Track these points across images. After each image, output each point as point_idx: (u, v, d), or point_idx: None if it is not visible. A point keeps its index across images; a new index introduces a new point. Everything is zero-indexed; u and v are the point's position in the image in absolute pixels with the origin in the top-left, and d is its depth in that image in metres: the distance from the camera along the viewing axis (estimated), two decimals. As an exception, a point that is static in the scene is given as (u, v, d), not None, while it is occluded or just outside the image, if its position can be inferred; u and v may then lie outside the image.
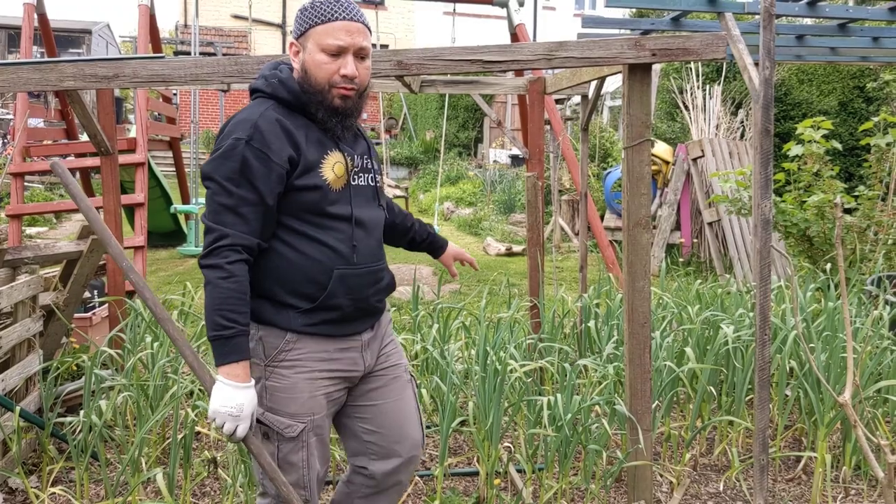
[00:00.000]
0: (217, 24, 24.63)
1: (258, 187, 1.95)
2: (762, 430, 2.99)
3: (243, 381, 1.95)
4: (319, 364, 2.09)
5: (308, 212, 2.03)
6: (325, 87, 2.02)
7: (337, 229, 2.06)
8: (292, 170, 1.99)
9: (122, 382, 3.37)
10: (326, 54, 2.00)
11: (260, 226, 1.98)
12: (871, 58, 5.31)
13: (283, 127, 1.99)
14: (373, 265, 2.15)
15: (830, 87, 11.88)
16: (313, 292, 2.05)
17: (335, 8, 2.01)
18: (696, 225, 9.31)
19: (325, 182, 2.02)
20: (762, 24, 2.90)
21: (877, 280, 5.02)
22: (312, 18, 2.02)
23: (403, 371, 2.34)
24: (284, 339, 2.06)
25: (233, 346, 1.94)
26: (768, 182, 2.93)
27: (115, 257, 2.15)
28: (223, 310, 1.92)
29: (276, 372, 2.07)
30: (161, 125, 10.04)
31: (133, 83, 2.72)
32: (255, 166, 1.95)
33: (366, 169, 2.19)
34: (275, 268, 2.05)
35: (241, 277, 1.95)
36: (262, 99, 2.07)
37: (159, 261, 9.27)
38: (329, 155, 2.06)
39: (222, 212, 1.96)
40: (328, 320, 2.08)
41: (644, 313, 2.90)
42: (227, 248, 1.94)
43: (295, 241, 2.04)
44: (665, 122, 12.54)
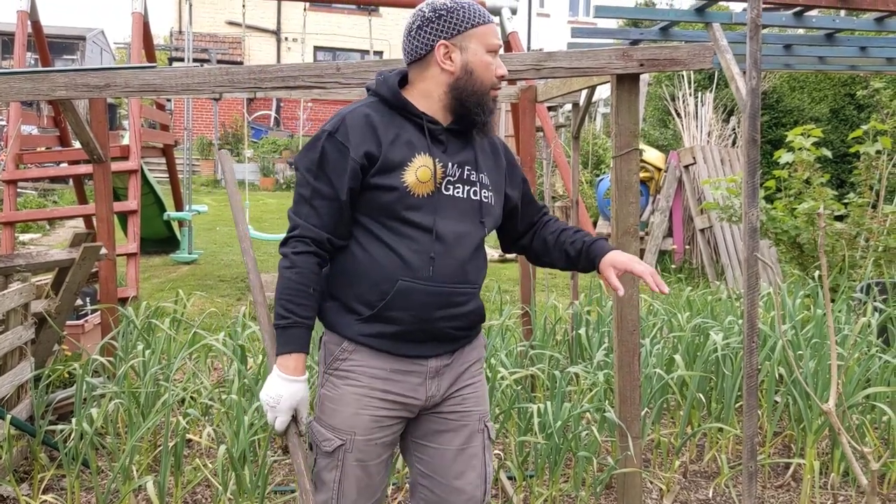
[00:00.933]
0: (212, 31, 24.63)
1: (333, 181, 1.91)
2: (751, 437, 3.01)
3: (292, 374, 1.92)
4: (372, 381, 1.97)
5: (384, 214, 1.93)
6: (488, 89, 1.99)
7: (413, 238, 1.93)
8: (370, 166, 1.92)
9: (114, 390, 3.38)
10: (490, 55, 1.98)
11: (332, 221, 1.93)
12: (859, 67, 5.35)
13: (369, 122, 1.93)
14: (451, 286, 1.96)
15: (822, 95, 11.95)
16: (374, 299, 1.94)
17: (483, 10, 2.00)
18: (688, 231, 9.35)
19: (403, 184, 1.91)
20: (749, 35, 2.93)
21: (866, 287, 5.05)
22: (472, 18, 1.97)
23: (477, 420, 2.11)
24: (341, 347, 1.99)
25: (288, 336, 1.91)
26: (755, 191, 2.96)
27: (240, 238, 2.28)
28: (282, 299, 1.91)
29: (329, 380, 2.01)
30: (155, 132, 10.06)
31: (124, 92, 2.73)
32: (333, 159, 1.91)
33: (467, 181, 2.02)
34: (344, 268, 1.98)
35: (305, 269, 1.91)
36: (370, 96, 2.04)
37: (152, 267, 9.27)
38: (416, 158, 1.94)
39: (300, 202, 1.95)
40: (385, 334, 1.95)
41: (633, 321, 2.92)
42: (296, 238, 1.93)
43: (367, 243, 1.95)
44: (657, 129, 12.60)
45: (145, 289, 7.54)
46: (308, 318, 1.93)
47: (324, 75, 2.73)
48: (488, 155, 2.11)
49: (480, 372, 2.16)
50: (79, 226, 10.60)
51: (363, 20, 24.94)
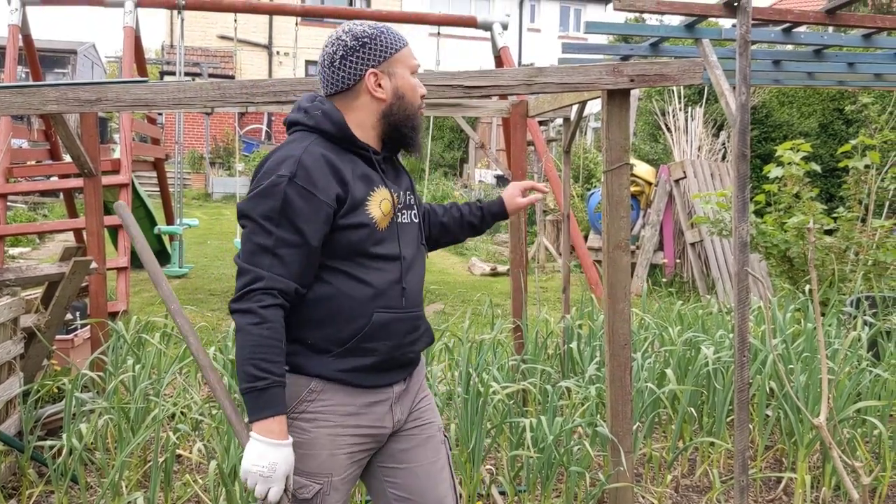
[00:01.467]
0: (203, 45, 24.67)
1: (301, 228, 1.81)
2: (742, 451, 3.01)
3: (279, 438, 1.79)
4: (344, 419, 1.91)
5: (354, 252, 1.89)
6: (417, 110, 2.00)
7: (384, 270, 1.92)
8: (339, 208, 1.86)
9: (104, 405, 3.36)
10: (414, 76, 1.99)
11: (300, 269, 1.83)
12: (847, 82, 5.40)
13: (329, 162, 1.86)
14: (416, 310, 2.01)
15: (811, 110, 12.04)
16: (348, 336, 1.89)
17: (400, 34, 2.00)
18: (678, 245, 9.38)
19: (371, 220, 1.89)
20: (738, 51, 2.95)
21: (856, 301, 5.07)
22: (394, 43, 1.96)
23: (437, 430, 2.13)
24: (308, 388, 1.89)
25: (268, 398, 1.78)
26: (745, 205, 2.97)
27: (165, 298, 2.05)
28: (256, 359, 1.77)
29: (294, 425, 1.88)
30: (145, 146, 10.04)
31: (116, 107, 2.73)
32: (299, 205, 1.81)
33: (408, 206, 2.05)
34: (311, 309, 1.89)
35: (276, 324, 1.80)
36: (303, 133, 1.94)
37: (143, 281, 9.23)
38: (375, 191, 1.92)
39: (258, 252, 1.81)
40: (360, 367, 1.91)
41: (624, 335, 2.92)
42: (262, 291, 1.79)
43: (335, 280, 1.89)
44: (648, 143, 12.66)
45: (135, 303, 7.51)
46: (283, 375, 1.82)
47: (315, 89, 2.73)
48: (407, 178, 2.14)
49: (428, 387, 2.20)
50: (69, 240, 10.57)
51: (355, 35, 24.93)
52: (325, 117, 1.92)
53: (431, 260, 11.92)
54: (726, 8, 3.14)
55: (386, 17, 9.20)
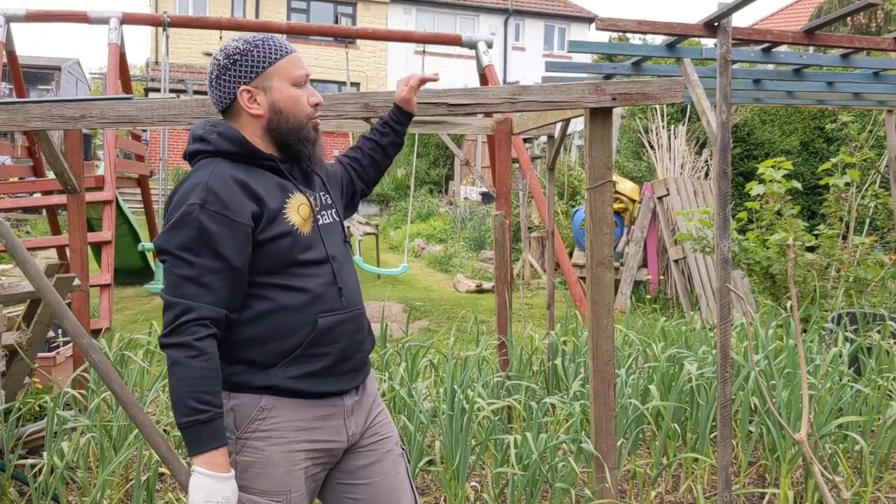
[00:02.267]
0: (188, 62, 24.69)
1: (221, 252, 1.79)
2: (725, 467, 3.03)
3: (225, 471, 1.76)
4: (297, 434, 1.89)
5: (283, 263, 1.87)
6: (305, 121, 1.95)
7: (317, 274, 1.91)
8: (257, 225, 1.84)
9: (86, 423, 3.33)
10: (297, 87, 1.94)
11: (228, 294, 1.80)
12: (826, 101, 5.48)
13: (238, 182, 1.84)
14: (357, 309, 2.01)
15: (792, 128, 12.18)
16: (292, 347, 1.87)
17: (282, 43, 1.94)
18: (662, 262, 9.44)
19: (293, 227, 1.88)
20: (719, 70, 3.00)
21: (837, 317, 5.12)
22: (267, 56, 1.91)
23: (395, 444, 2.12)
24: (258, 407, 1.87)
25: (211, 431, 1.74)
26: (727, 222, 3.01)
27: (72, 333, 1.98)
28: (196, 391, 1.73)
29: (248, 445, 1.86)
30: (130, 162, 10.02)
31: (100, 124, 2.73)
32: (216, 231, 1.78)
33: (326, 205, 2.06)
34: (250, 328, 1.87)
35: (213, 354, 1.77)
36: (206, 159, 1.91)
37: (126, 298, 9.19)
38: (291, 198, 1.92)
39: (183, 284, 1.77)
40: (311, 373, 1.89)
41: (608, 351, 2.93)
42: (194, 322, 1.75)
43: (271, 294, 1.87)
44: (631, 160, 12.74)
45: (118, 320, 7.47)
46: (221, 406, 1.79)
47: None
48: (325, 174, 2.16)
49: (380, 401, 2.18)
50: (51, 256, 10.50)
51: (340, 52, 25.13)
52: (222, 138, 1.91)
53: (416, 276, 11.94)
54: (707, 28, 3.18)
55: (371, 34, 9.26)
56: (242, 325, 1.87)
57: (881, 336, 4.43)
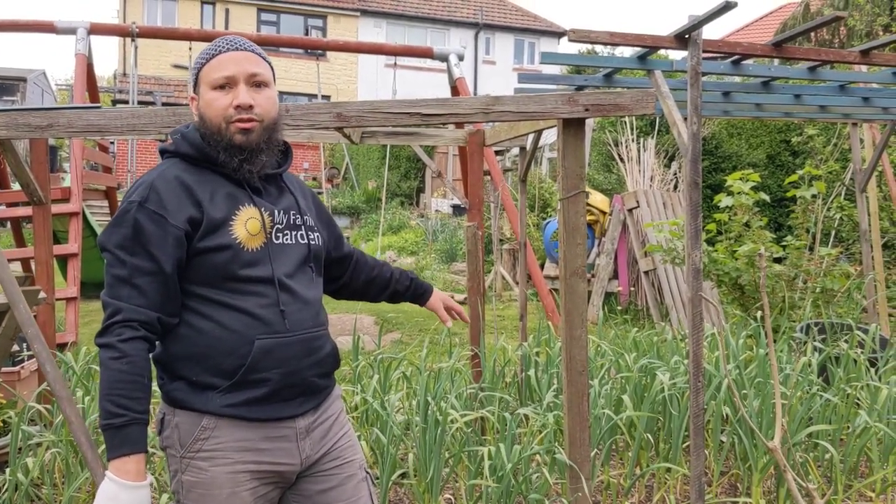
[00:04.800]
0: (157, 74, 24.51)
1: (154, 254, 1.75)
2: (697, 476, 3.04)
3: (134, 480, 1.69)
4: (242, 455, 1.81)
5: (220, 276, 1.80)
6: (222, 125, 1.83)
7: (258, 293, 1.82)
8: (194, 231, 1.78)
9: (51, 438, 3.26)
10: (216, 90, 1.85)
11: (159, 298, 1.76)
12: (794, 114, 5.56)
13: (182, 184, 1.80)
14: (307, 332, 1.89)
15: (759, 141, 12.36)
16: (233, 367, 1.79)
17: (218, 43, 1.89)
18: (632, 273, 9.49)
19: (235, 241, 1.80)
20: (689, 82, 3.02)
21: (805, 327, 5.17)
22: (199, 62, 1.89)
23: (358, 468, 2.04)
24: (200, 426, 1.80)
25: (124, 436, 1.69)
26: (698, 232, 3.03)
27: (21, 322, 1.98)
28: (113, 395, 1.69)
29: (192, 465, 1.80)
30: (97, 174, 9.89)
31: (68, 133, 2.68)
32: (150, 230, 1.75)
33: (293, 226, 1.95)
34: (187, 343, 1.81)
35: (136, 357, 1.72)
36: (167, 158, 1.91)
37: (93, 312, 9.04)
38: (241, 210, 1.84)
39: (116, 284, 1.75)
40: (252, 399, 1.81)
41: (582, 361, 2.93)
42: (121, 324, 1.73)
43: (209, 311, 1.81)
44: (602, 173, 12.84)
45: (85, 334, 7.34)
46: (144, 412, 1.73)
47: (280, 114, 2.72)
48: (303, 195, 2.07)
49: (346, 422, 2.09)
50: (16, 269, 10.32)
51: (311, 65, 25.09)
52: (183, 139, 1.89)
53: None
54: (677, 40, 3.21)
55: (342, 46, 9.25)
56: (180, 339, 1.82)
57: (849, 346, 4.48)
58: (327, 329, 1.99)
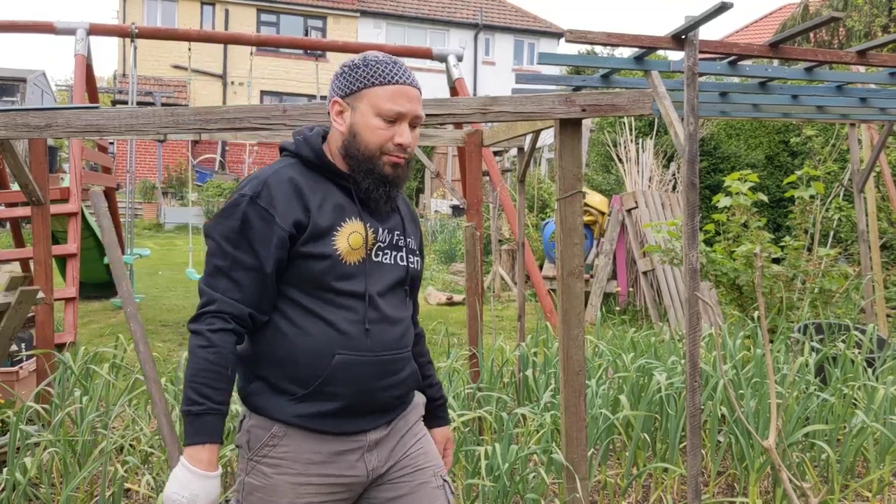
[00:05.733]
0: (157, 74, 24.51)
1: (257, 251, 1.76)
2: (694, 476, 3.04)
3: (205, 469, 1.71)
4: (308, 467, 1.80)
5: (315, 285, 1.80)
6: (377, 154, 1.82)
7: (348, 308, 1.81)
8: (298, 235, 1.78)
9: (49, 438, 3.27)
10: (383, 119, 1.82)
11: (255, 295, 1.77)
12: (791, 114, 5.57)
13: (295, 187, 1.80)
14: (389, 354, 1.86)
15: (757, 142, 12.37)
16: (310, 377, 1.79)
17: (394, 70, 1.83)
18: (631, 274, 9.50)
19: (335, 252, 1.79)
20: (686, 83, 3.03)
21: (803, 328, 5.18)
22: (369, 78, 1.82)
23: (433, 476, 1.98)
24: (270, 433, 1.81)
25: (200, 425, 1.71)
26: (695, 232, 3.03)
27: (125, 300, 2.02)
28: (196, 383, 1.71)
29: (257, 468, 1.81)
30: (96, 174, 9.89)
31: (66, 133, 2.69)
32: (257, 227, 1.76)
33: (394, 246, 1.93)
34: (271, 345, 1.82)
35: (223, 349, 1.73)
36: (285, 157, 1.91)
37: (92, 312, 9.05)
38: (346, 223, 1.83)
39: (216, 274, 1.77)
40: (323, 413, 1.80)
41: (579, 361, 2.94)
42: (213, 314, 1.75)
43: (296, 317, 1.81)
44: (601, 174, 12.85)
45: (84, 334, 7.35)
46: (223, 403, 1.74)
47: (270, 117, 2.73)
48: (409, 218, 2.05)
49: (423, 429, 2.05)
50: (15, 270, 10.32)
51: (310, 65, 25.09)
52: (305, 143, 1.88)
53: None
54: (674, 40, 3.22)
55: (342, 47, 9.25)
56: (266, 339, 1.83)
57: (846, 346, 4.49)
58: (410, 351, 1.95)
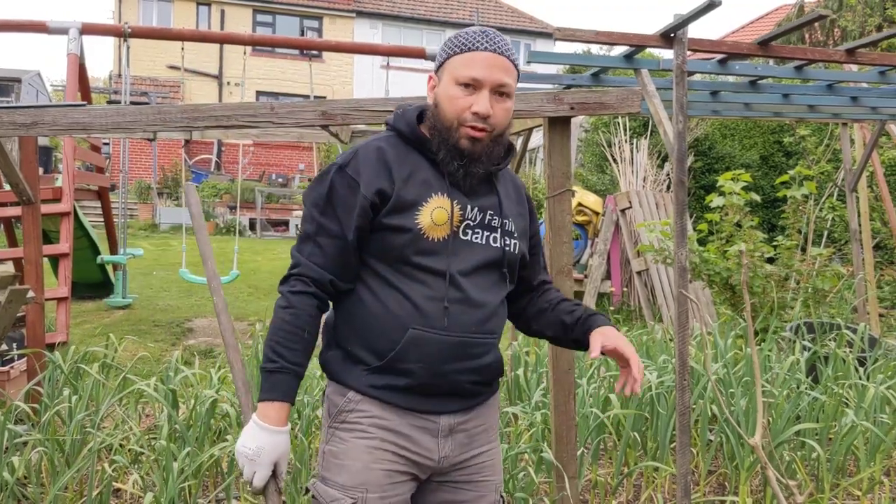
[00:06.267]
0: (152, 74, 24.47)
1: (340, 218, 1.77)
2: (684, 475, 3.04)
3: (273, 424, 1.74)
4: (383, 433, 1.79)
5: (396, 258, 1.77)
6: (454, 124, 1.77)
7: (427, 284, 1.77)
8: (382, 205, 1.76)
9: (38, 437, 3.26)
10: (460, 87, 1.76)
11: (337, 262, 1.78)
12: (783, 113, 5.57)
13: (383, 157, 1.79)
14: (469, 336, 1.80)
15: (752, 142, 12.38)
16: (383, 349, 1.77)
17: (479, 38, 1.78)
18: (625, 274, 9.50)
19: (417, 226, 1.75)
20: (675, 81, 3.03)
21: (795, 327, 5.19)
22: (452, 48, 1.80)
23: (493, 490, 1.93)
24: (346, 398, 1.81)
25: (273, 382, 1.75)
26: (685, 230, 3.03)
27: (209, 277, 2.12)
28: (273, 341, 1.76)
29: (336, 435, 1.82)
30: (89, 174, 9.88)
31: (53, 131, 2.69)
32: (342, 194, 1.77)
33: (487, 226, 1.85)
34: (351, 314, 1.82)
35: (301, 311, 1.76)
36: (387, 131, 1.89)
37: (85, 312, 9.03)
38: (433, 198, 1.78)
39: (304, 239, 1.81)
40: (394, 386, 1.78)
41: (568, 360, 2.94)
42: (296, 277, 1.79)
43: (377, 287, 1.79)
44: (595, 174, 12.86)
45: (76, 334, 7.33)
46: (297, 364, 1.76)
47: (258, 115, 2.73)
48: (513, 200, 1.96)
49: (496, 438, 1.99)
50: (8, 269, 10.29)
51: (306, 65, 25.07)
52: (401, 116, 1.87)
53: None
54: (663, 39, 3.22)
55: (335, 47, 9.26)
56: (347, 307, 1.83)
57: (837, 345, 4.50)
58: (496, 338, 1.88)
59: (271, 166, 23.95)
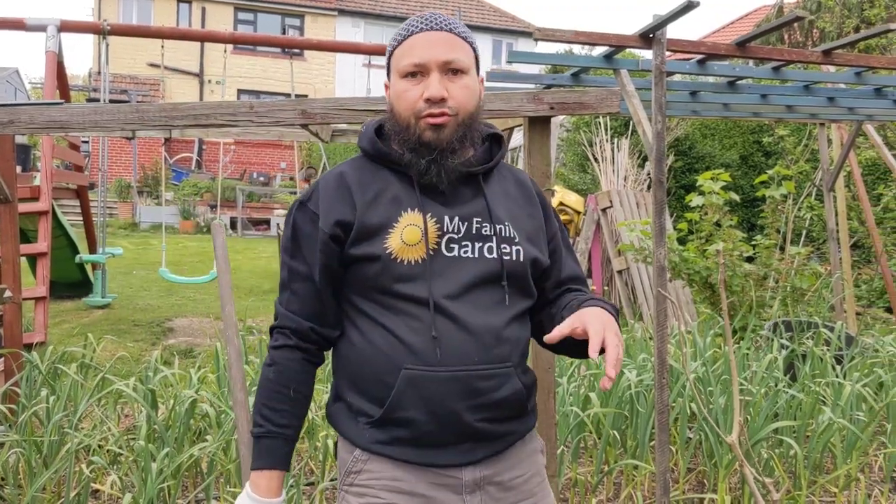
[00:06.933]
0: (133, 72, 24.32)
1: (307, 258, 1.60)
2: (663, 472, 3.06)
3: (264, 495, 1.58)
4: (397, 497, 1.55)
5: (373, 289, 1.55)
6: (411, 120, 1.55)
7: (411, 314, 1.53)
8: (345, 236, 1.56)
9: (15, 438, 3.23)
10: (406, 79, 1.56)
11: (312, 307, 1.60)
12: (761, 113, 5.62)
13: (343, 183, 1.59)
14: (471, 369, 1.51)
15: (732, 142, 12.47)
16: (380, 395, 1.54)
17: (414, 22, 1.59)
18: (606, 273, 9.55)
19: (386, 251, 1.53)
20: (654, 81, 3.05)
21: (773, 326, 5.23)
22: (392, 44, 1.61)
23: None
24: (353, 456, 1.59)
25: (260, 448, 1.60)
26: (663, 230, 3.05)
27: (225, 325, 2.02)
28: (259, 403, 1.61)
29: (346, 498, 1.60)
30: (68, 173, 9.79)
31: (29, 129, 2.66)
32: (307, 232, 1.60)
33: (475, 236, 1.59)
34: (346, 359, 1.62)
35: (283, 366, 1.60)
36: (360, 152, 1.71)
37: (64, 312, 8.96)
38: (403, 216, 1.56)
39: (281, 288, 1.65)
40: (402, 439, 1.54)
41: (548, 359, 2.95)
42: (277, 330, 1.63)
43: (364, 326, 1.57)
44: (576, 173, 12.90)
45: (55, 334, 7.28)
46: (285, 426, 1.60)
47: (237, 113, 2.72)
48: (515, 199, 1.69)
49: (543, 489, 1.69)
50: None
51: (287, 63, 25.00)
52: (363, 133, 1.67)
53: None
54: (642, 39, 3.23)
55: (317, 45, 9.23)
56: (339, 353, 1.65)
57: (814, 343, 4.54)
58: (510, 366, 1.57)
59: (253, 165, 23.87)
